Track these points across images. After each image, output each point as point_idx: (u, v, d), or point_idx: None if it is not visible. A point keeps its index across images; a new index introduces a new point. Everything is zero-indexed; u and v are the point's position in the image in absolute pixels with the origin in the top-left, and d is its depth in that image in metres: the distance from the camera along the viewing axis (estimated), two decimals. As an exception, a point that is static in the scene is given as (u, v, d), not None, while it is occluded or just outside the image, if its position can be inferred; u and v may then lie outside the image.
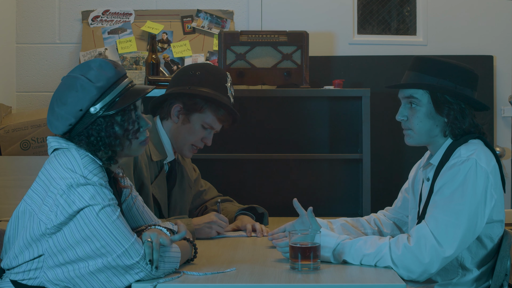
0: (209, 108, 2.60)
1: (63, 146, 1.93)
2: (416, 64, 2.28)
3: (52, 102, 1.95)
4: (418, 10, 3.83)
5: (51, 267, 1.86)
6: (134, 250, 1.84)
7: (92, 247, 1.82)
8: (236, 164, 3.56)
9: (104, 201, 1.85)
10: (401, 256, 2.04)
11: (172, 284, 1.86)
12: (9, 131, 3.30)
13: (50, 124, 1.95)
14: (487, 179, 2.11)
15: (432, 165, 2.28)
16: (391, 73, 3.68)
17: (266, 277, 1.91)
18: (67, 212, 1.83)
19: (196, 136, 2.62)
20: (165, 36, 3.72)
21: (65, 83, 1.94)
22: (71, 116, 1.91)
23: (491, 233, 2.19)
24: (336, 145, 3.65)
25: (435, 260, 2.03)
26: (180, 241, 2.06)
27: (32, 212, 1.89)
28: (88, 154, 1.91)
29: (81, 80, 1.91)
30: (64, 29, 3.78)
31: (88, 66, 1.93)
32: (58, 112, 1.92)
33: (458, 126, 2.22)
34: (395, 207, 2.56)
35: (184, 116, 2.61)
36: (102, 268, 1.83)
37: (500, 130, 3.77)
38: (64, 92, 1.92)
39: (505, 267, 2.20)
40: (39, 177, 1.93)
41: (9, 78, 3.72)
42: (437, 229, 2.05)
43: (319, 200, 3.63)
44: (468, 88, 2.22)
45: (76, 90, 1.91)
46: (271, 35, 3.40)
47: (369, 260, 2.07)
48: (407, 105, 2.28)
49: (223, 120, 2.63)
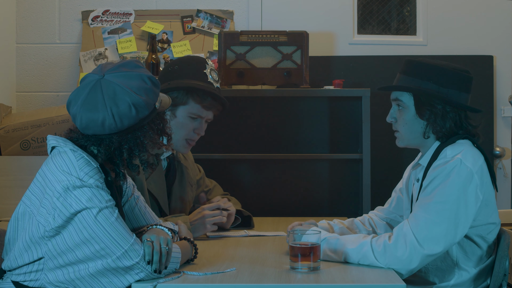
0: (191, 98, 2.60)
1: (60, 144, 1.91)
2: (404, 66, 2.31)
3: (114, 95, 1.88)
4: (418, 10, 3.83)
5: (52, 269, 1.86)
6: (134, 251, 1.83)
7: (92, 249, 1.82)
8: (236, 164, 3.56)
9: (102, 203, 1.84)
10: (381, 253, 2.05)
11: (172, 284, 1.86)
12: (9, 131, 3.30)
13: (112, 120, 1.88)
14: (471, 179, 2.10)
15: (421, 166, 2.29)
16: (391, 73, 3.68)
17: (266, 277, 1.92)
18: (65, 215, 1.82)
19: (186, 129, 2.62)
20: (165, 36, 3.72)
21: (129, 77, 1.91)
22: (146, 110, 1.91)
23: (482, 233, 2.19)
24: (336, 145, 3.65)
25: (414, 257, 2.03)
26: (181, 241, 2.06)
27: (31, 213, 1.88)
28: (84, 156, 1.89)
29: (147, 76, 1.92)
30: (64, 29, 3.78)
31: (137, 64, 1.96)
32: (132, 103, 1.88)
33: (438, 129, 2.22)
34: (388, 207, 2.56)
35: (170, 112, 2.62)
36: (102, 270, 1.82)
37: (500, 130, 3.76)
38: (132, 84, 1.89)
39: (504, 267, 2.20)
40: (36, 178, 1.92)
41: (9, 78, 3.72)
42: (417, 227, 2.06)
43: (319, 200, 3.64)
44: (454, 89, 2.21)
45: (146, 83, 1.91)
46: (271, 35, 3.41)
47: (352, 256, 2.08)
48: (395, 107, 2.30)
49: (209, 106, 2.62)
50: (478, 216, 2.16)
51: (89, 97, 1.88)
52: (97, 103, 1.87)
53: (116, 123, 1.88)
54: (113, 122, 1.87)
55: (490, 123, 3.70)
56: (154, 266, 1.85)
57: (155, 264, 1.85)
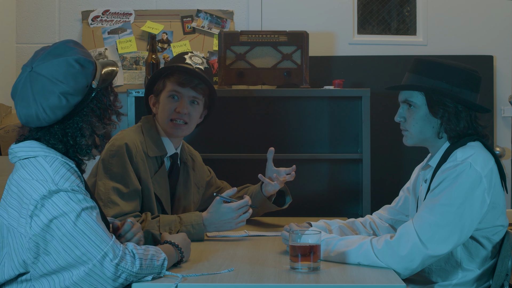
0: (168, 80, 2.66)
1: (30, 154, 1.87)
2: (414, 65, 2.29)
3: (42, 88, 1.86)
4: (418, 10, 3.83)
5: (37, 278, 1.83)
6: (113, 251, 1.79)
7: (73, 256, 1.78)
8: (236, 164, 3.56)
9: (78, 207, 1.80)
10: (381, 250, 2.05)
11: (172, 284, 1.85)
12: (9, 131, 3.30)
13: (44, 113, 1.86)
14: (479, 183, 2.09)
15: (431, 167, 2.28)
16: (391, 73, 3.68)
17: (266, 277, 1.91)
18: (42, 222, 1.78)
19: (168, 110, 2.64)
20: (165, 36, 3.72)
21: (55, 65, 1.87)
22: (79, 95, 1.88)
23: (488, 234, 2.19)
24: (336, 145, 3.65)
25: (416, 256, 2.03)
26: (164, 245, 2.03)
27: (9, 227, 1.84)
28: (58, 158, 1.86)
29: (74, 58, 1.88)
30: (64, 29, 3.78)
31: (67, 47, 1.91)
32: (61, 93, 1.85)
33: (452, 128, 2.21)
34: (395, 206, 2.55)
35: (157, 103, 2.69)
36: (84, 277, 1.78)
37: (500, 130, 3.77)
38: (58, 73, 1.86)
39: (506, 267, 2.19)
40: (10, 189, 1.87)
41: (9, 78, 3.72)
42: (421, 228, 2.05)
43: (319, 200, 3.64)
44: (466, 89, 2.21)
45: (73, 67, 1.87)
46: (271, 35, 3.40)
47: (351, 257, 2.08)
48: (405, 107, 2.28)
49: (185, 83, 2.63)
50: (485, 218, 2.15)
51: (21, 93, 1.89)
52: (28, 98, 1.87)
53: (49, 116, 1.86)
54: (45, 116, 1.86)
55: (490, 123, 3.70)
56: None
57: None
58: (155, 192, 2.58)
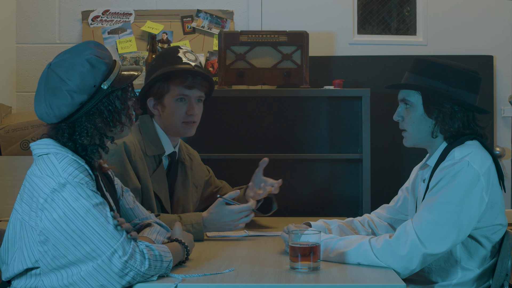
0: (171, 83, 2.64)
1: (43, 151, 1.91)
2: (413, 65, 2.29)
3: (52, 85, 1.90)
4: (418, 10, 3.83)
5: (47, 273, 1.84)
6: (122, 249, 1.80)
7: (83, 251, 1.80)
8: (236, 164, 3.56)
9: (88, 203, 1.82)
10: (381, 250, 2.05)
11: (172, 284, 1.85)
12: (9, 131, 3.30)
13: (50, 109, 1.90)
14: (477, 181, 2.09)
15: (429, 166, 2.29)
16: (391, 73, 3.68)
17: (266, 277, 1.91)
18: (52, 217, 1.80)
19: (179, 113, 2.64)
20: (165, 36, 3.72)
21: (68, 63, 1.90)
22: (84, 93, 1.89)
23: (487, 233, 2.19)
24: (336, 145, 3.65)
25: (414, 255, 2.03)
26: (171, 243, 2.04)
27: (22, 221, 1.87)
28: (68, 156, 1.88)
29: (86, 58, 1.89)
30: (64, 29, 3.78)
31: (85, 47, 1.93)
32: (66, 90, 1.88)
33: (446, 129, 2.21)
34: (394, 206, 2.55)
35: (159, 105, 2.66)
36: (92, 272, 1.79)
37: (500, 130, 3.76)
38: (68, 71, 1.89)
39: (506, 267, 2.19)
40: (24, 184, 1.91)
41: (9, 78, 3.72)
42: (419, 227, 2.06)
43: (319, 200, 3.64)
44: (463, 90, 2.21)
45: (82, 66, 1.89)
46: (271, 35, 3.40)
47: (351, 257, 2.08)
48: (403, 106, 2.29)
49: (191, 85, 2.64)
50: (483, 217, 2.15)
51: (37, 89, 1.95)
52: (40, 94, 1.93)
53: (54, 112, 1.90)
54: (51, 111, 1.90)
55: (489, 123, 3.70)
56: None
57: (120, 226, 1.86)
58: (154, 191, 2.59)
